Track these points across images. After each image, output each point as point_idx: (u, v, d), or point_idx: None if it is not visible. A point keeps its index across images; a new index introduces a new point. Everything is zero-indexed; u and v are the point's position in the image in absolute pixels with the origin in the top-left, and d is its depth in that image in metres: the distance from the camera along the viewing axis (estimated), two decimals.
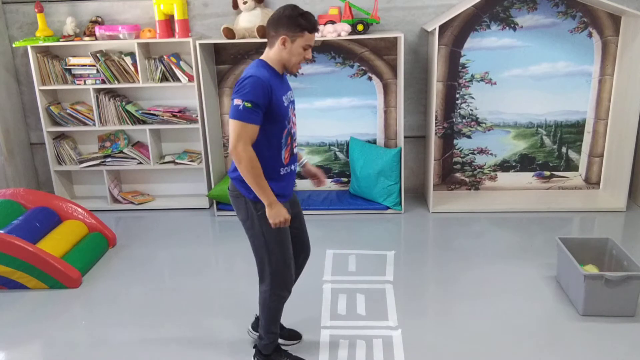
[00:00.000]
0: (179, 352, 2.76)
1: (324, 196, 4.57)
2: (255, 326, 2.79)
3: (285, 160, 2.36)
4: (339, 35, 4.02)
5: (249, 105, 2.15)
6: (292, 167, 2.43)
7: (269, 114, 2.22)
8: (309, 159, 4.65)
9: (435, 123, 4.40)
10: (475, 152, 4.57)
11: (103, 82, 4.38)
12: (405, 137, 4.44)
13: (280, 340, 2.71)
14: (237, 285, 3.39)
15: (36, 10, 4.24)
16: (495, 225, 4.09)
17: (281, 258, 2.40)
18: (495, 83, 4.36)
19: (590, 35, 4.21)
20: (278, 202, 2.28)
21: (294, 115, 2.43)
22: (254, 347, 2.65)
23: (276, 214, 2.27)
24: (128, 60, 4.33)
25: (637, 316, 2.87)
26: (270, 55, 2.29)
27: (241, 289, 3.34)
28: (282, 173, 2.36)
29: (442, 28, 4.16)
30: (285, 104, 2.30)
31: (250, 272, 3.53)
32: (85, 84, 4.40)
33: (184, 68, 4.33)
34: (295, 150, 2.44)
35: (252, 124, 2.17)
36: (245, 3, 4.11)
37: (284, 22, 2.22)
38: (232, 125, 2.19)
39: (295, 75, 4.43)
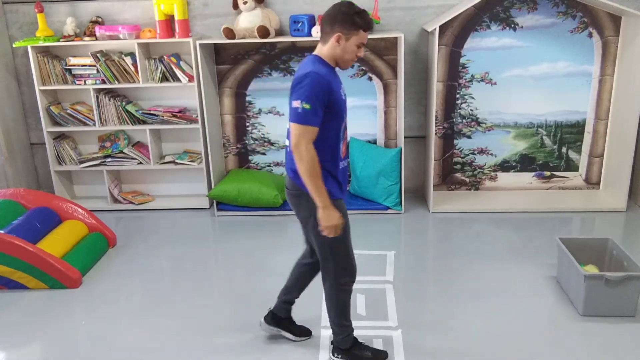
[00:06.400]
0: (179, 352, 2.76)
1: None
2: (268, 320, 2.77)
3: (342, 153, 2.38)
4: None
5: (308, 106, 2.15)
6: (347, 161, 2.46)
7: (329, 108, 2.22)
8: None
9: (436, 123, 4.40)
10: (476, 152, 4.57)
11: (103, 82, 4.38)
12: (405, 137, 4.44)
13: (289, 335, 2.74)
14: (237, 285, 3.39)
15: (36, 10, 4.24)
16: (495, 225, 4.09)
17: (345, 252, 2.42)
18: (495, 83, 4.36)
19: (590, 35, 4.21)
20: (332, 206, 2.26)
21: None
22: (331, 344, 2.67)
23: (329, 217, 2.25)
24: (128, 60, 4.33)
25: (637, 316, 2.87)
26: (323, 51, 2.29)
27: (241, 289, 3.34)
28: (340, 167, 2.38)
29: (442, 28, 4.16)
30: (343, 97, 2.32)
31: (251, 272, 3.55)
32: (85, 84, 4.40)
33: (184, 68, 4.33)
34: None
35: (312, 126, 2.18)
36: (245, 3, 4.11)
37: (340, 19, 2.23)
38: (293, 128, 2.19)
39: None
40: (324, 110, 2.21)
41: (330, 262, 2.43)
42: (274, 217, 4.37)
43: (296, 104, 2.17)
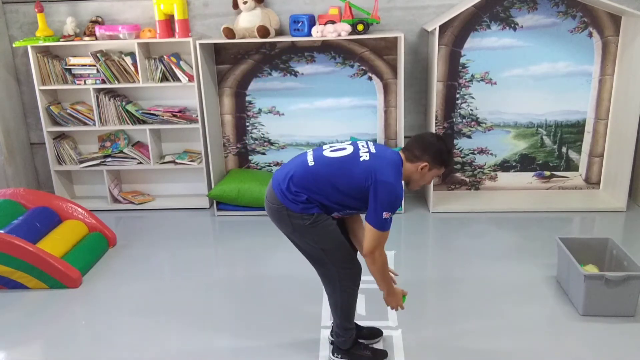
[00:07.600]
0: (179, 352, 2.76)
1: None
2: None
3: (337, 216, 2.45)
4: (339, 35, 4.02)
5: (392, 215, 2.26)
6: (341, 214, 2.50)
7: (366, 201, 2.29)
8: None
9: (436, 123, 4.39)
10: (476, 152, 4.57)
11: (103, 82, 4.38)
12: (405, 137, 4.43)
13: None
14: (237, 285, 3.39)
15: (36, 10, 4.24)
16: (495, 225, 4.09)
17: (344, 256, 2.43)
18: (495, 83, 4.36)
19: (590, 35, 4.21)
20: (394, 291, 2.48)
21: None
22: (331, 344, 2.68)
23: (393, 300, 2.49)
24: (128, 60, 4.33)
25: (637, 316, 2.87)
26: (406, 166, 2.36)
27: (241, 289, 3.34)
28: (334, 214, 2.40)
29: (442, 28, 4.16)
30: None
31: (250, 272, 3.55)
32: (85, 84, 4.40)
33: (184, 68, 4.33)
34: None
35: (388, 230, 2.29)
36: (245, 3, 4.11)
37: (432, 152, 2.35)
38: (375, 234, 2.26)
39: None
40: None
41: (332, 271, 2.43)
42: None
43: (387, 215, 2.23)
